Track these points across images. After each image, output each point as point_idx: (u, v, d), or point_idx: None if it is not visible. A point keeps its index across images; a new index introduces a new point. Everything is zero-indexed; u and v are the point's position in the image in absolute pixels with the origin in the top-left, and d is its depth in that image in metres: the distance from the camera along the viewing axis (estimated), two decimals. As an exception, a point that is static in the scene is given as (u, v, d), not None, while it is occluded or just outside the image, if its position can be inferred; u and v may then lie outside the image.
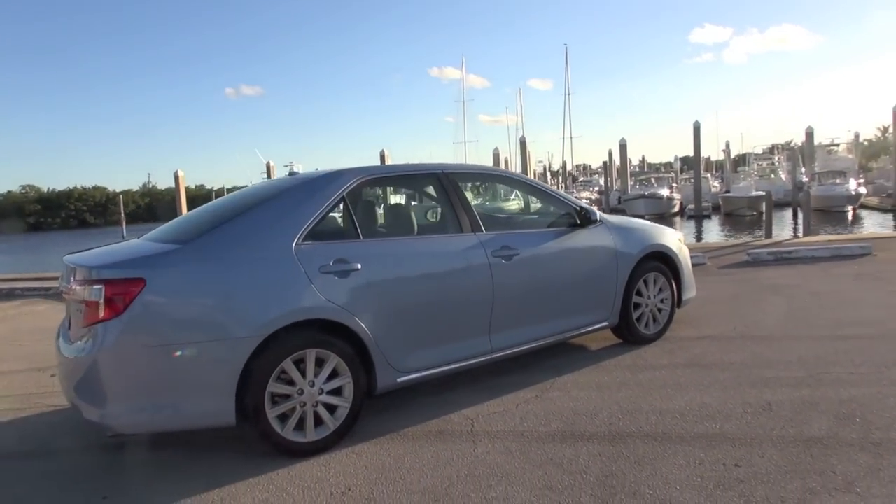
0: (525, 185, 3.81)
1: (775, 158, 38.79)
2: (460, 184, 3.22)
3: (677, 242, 4.08)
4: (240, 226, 2.59)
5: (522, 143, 28.53)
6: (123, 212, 36.90)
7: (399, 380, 2.78)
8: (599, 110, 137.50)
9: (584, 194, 31.85)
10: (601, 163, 46.42)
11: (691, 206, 28.14)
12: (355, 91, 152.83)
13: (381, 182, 3.31)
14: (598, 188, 37.22)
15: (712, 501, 2.01)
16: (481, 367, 3.16)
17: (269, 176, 31.26)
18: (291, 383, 2.49)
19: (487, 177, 4.44)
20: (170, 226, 3.09)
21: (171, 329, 2.33)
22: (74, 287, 2.47)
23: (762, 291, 5.37)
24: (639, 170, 44.92)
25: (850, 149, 34.05)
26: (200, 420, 2.41)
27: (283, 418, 2.49)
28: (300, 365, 2.51)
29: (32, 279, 9.09)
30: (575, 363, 3.56)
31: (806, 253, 7.05)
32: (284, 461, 2.50)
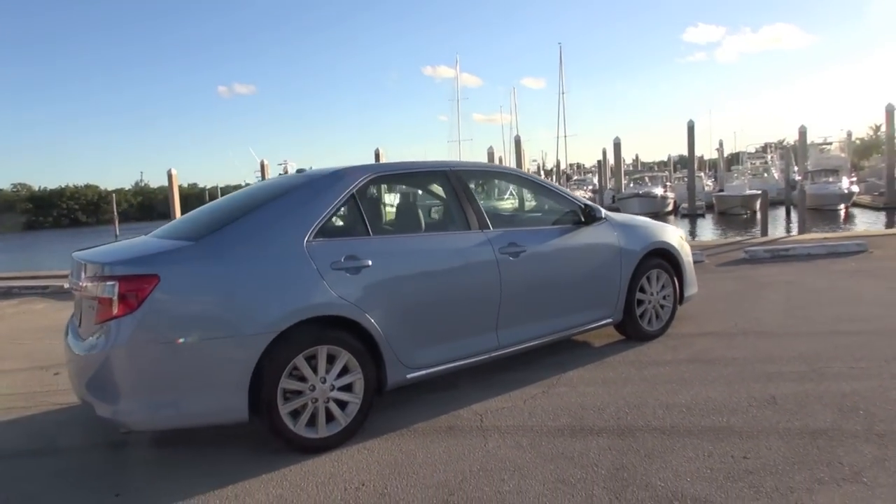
0: (531, 183, 3.84)
1: (768, 157, 39.11)
2: (468, 181, 3.24)
3: (679, 240, 4.12)
4: (251, 223, 2.59)
5: (517, 142, 28.57)
6: (116, 211, 36.57)
7: (409, 376, 2.79)
8: (593, 109, 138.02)
9: (579, 193, 31.82)
10: (595, 161, 46.65)
11: (685, 205, 28.32)
12: (349, 90, 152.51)
13: (390, 179, 3.33)
14: (593, 187, 37.36)
15: (723, 492, 2.04)
16: (487, 364, 3.18)
17: (263, 174, 31.10)
18: (303, 380, 2.51)
19: (495, 174, 4.47)
20: (178, 223, 3.09)
21: (185, 325, 2.33)
22: (86, 284, 2.47)
23: (761, 288, 5.44)
24: (633, 168, 45.15)
25: (843, 147, 34.37)
26: (213, 417, 2.42)
27: (295, 414, 2.50)
28: (311, 361, 2.52)
29: (29, 277, 9.02)
30: (579, 359, 3.59)
31: (802, 250, 7.13)
32: (296, 457, 2.51)
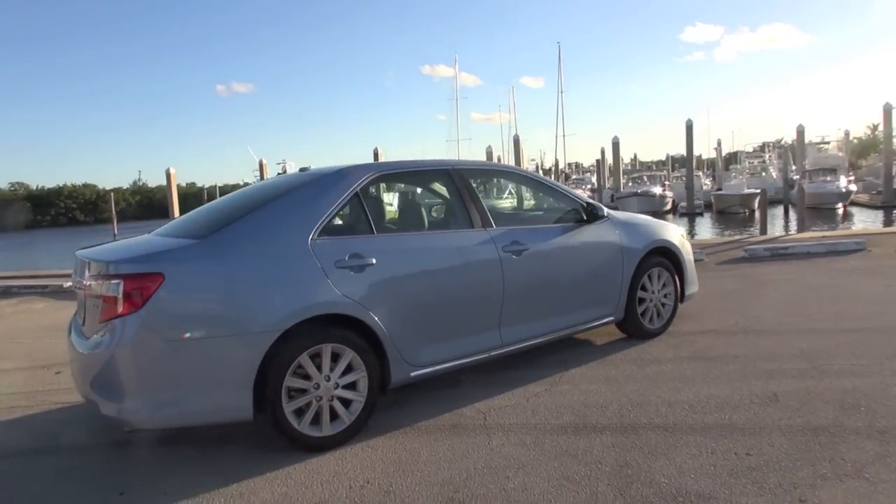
0: (534, 182, 3.85)
1: (766, 156, 39.22)
2: (471, 180, 3.25)
3: (680, 238, 4.13)
4: (256, 221, 2.59)
5: (516, 142, 28.54)
6: (114, 210, 36.48)
7: (412, 374, 2.80)
8: (591, 108, 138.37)
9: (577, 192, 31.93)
10: (594, 161, 46.65)
11: (683, 204, 28.37)
12: (348, 89, 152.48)
13: (393, 178, 3.33)
14: (591, 186, 37.40)
15: (727, 489, 2.05)
16: (489, 362, 3.19)
17: (262, 173, 31.04)
18: (307, 378, 2.51)
19: (497, 173, 4.48)
20: (182, 221, 3.09)
21: (189, 324, 2.34)
22: (90, 282, 2.46)
23: (761, 286, 5.46)
24: (631, 168, 45.21)
25: (841, 147, 34.47)
26: (218, 415, 2.42)
27: (299, 413, 2.51)
28: (315, 359, 2.52)
29: (28, 277, 9.00)
30: (581, 357, 3.60)
31: (801, 249, 7.16)
32: (300, 456, 2.51)
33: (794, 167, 29.43)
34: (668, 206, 28.81)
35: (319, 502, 2.16)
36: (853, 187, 26.82)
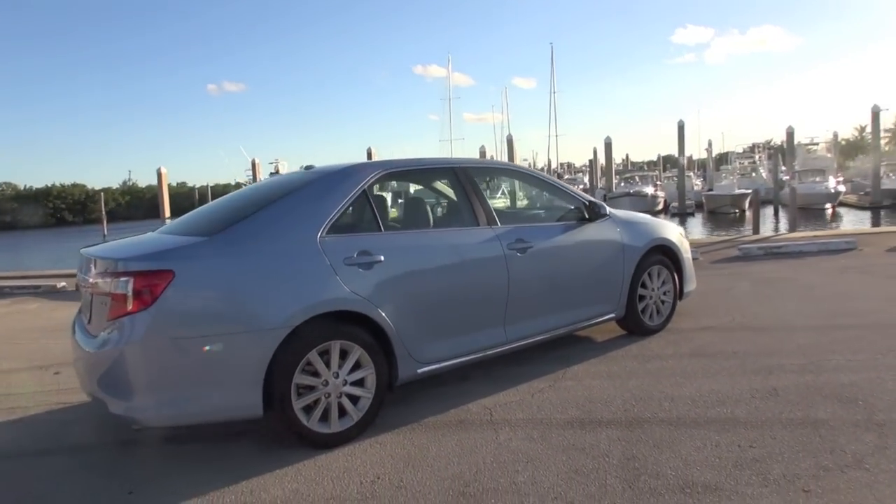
0: (537, 180, 3.89)
1: (756, 157, 39.65)
2: (475, 178, 3.28)
3: (679, 236, 4.20)
4: (264, 218, 2.60)
5: (509, 142, 28.63)
6: (104, 210, 36.08)
7: (419, 370, 2.82)
8: (582, 109, 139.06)
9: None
10: (586, 161, 46.94)
11: (675, 204, 28.63)
12: (340, 89, 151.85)
13: (400, 176, 3.35)
14: (583, 186, 37.60)
15: (732, 480, 2.10)
16: (493, 359, 3.21)
17: (255, 173, 30.83)
18: (316, 375, 2.52)
19: (502, 171, 4.50)
20: (186, 219, 3.08)
21: (199, 321, 2.34)
22: (97, 280, 2.46)
23: (756, 284, 5.54)
24: (623, 168, 45.53)
25: (829, 148, 34.98)
26: (227, 412, 2.42)
27: (308, 409, 2.52)
28: (324, 356, 2.54)
29: (20, 277, 8.90)
30: (583, 354, 3.65)
31: (794, 248, 7.27)
32: (309, 452, 2.52)
33: (784, 168, 29.80)
34: (660, 206, 29.05)
35: (331, 498, 2.17)
36: (842, 188, 27.21)
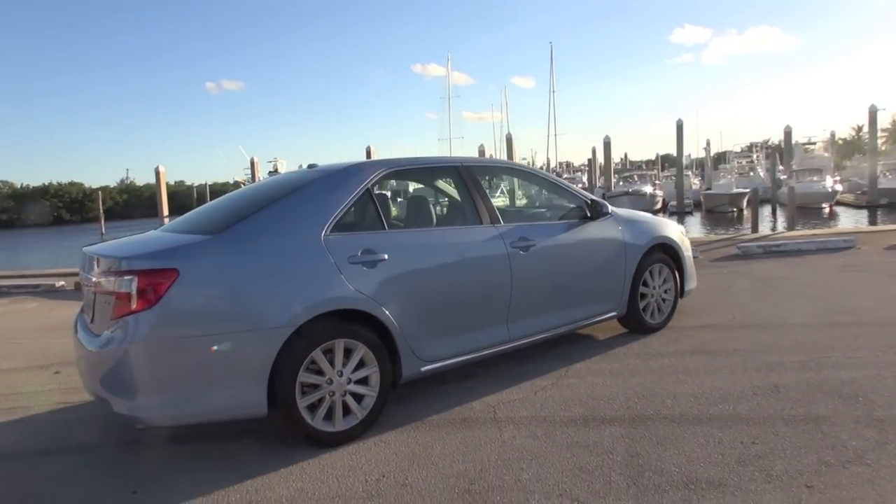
0: (540, 179, 3.89)
1: (754, 156, 39.75)
2: (478, 177, 3.28)
3: (679, 235, 4.21)
4: (268, 217, 2.60)
5: (509, 141, 28.57)
6: (102, 208, 35.96)
7: (423, 369, 2.83)
8: (581, 108, 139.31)
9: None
10: (585, 160, 47.00)
11: (673, 203, 28.70)
12: (339, 88, 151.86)
13: (403, 174, 3.36)
14: (582, 185, 37.65)
15: (736, 476, 2.11)
16: (495, 357, 3.22)
17: (253, 171, 30.74)
18: (320, 373, 2.52)
19: (505, 170, 4.51)
20: (189, 217, 3.08)
21: (204, 320, 2.34)
22: (101, 278, 2.45)
23: (755, 283, 5.57)
24: (621, 167, 45.59)
25: (827, 147, 35.10)
26: (232, 411, 2.42)
27: (312, 408, 2.52)
28: (328, 355, 2.54)
29: (18, 276, 8.87)
30: (585, 352, 3.66)
31: (793, 246, 7.30)
32: (313, 451, 2.52)
33: (782, 167, 29.88)
34: (659, 205, 29.11)
35: (336, 496, 2.18)
36: (839, 187, 27.31)
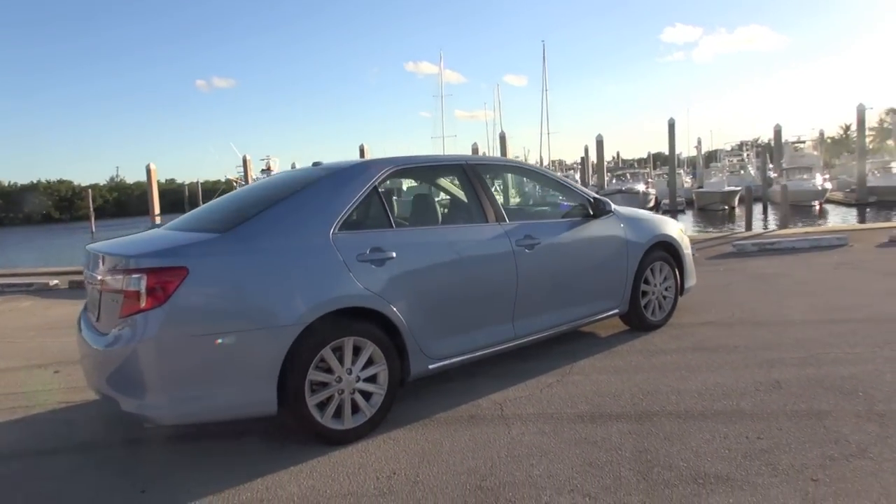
0: (543, 177, 3.91)
1: (745, 155, 40.13)
2: (483, 175, 3.29)
3: (679, 233, 4.26)
4: (277, 215, 2.59)
5: (502, 139, 28.69)
6: (91, 206, 35.59)
7: (430, 366, 2.84)
8: (573, 106, 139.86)
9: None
10: (577, 158, 47.23)
11: (666, 201, 28.95)
12: (331, 86, 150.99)
13: (409, 173, 3.36)
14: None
15: (743, 471, 2.15)
16: (499, 354, 3.24)
17: (246, 170, 30.54)
18: (330, 371, 2.53)
19: (508, 168, 4.52)
20: (194, 215, 3.06)
21: (214, 318, 2.33)
22: (107, 277, 2.44)
23: (752, 280, 5.63)
24: (614, 165, 45.86)
25: (816, 146, 35.54)
26: (242, 409, 2.42)
27: (321, 406, 2.52)
28: (337, 353, 2.54)
29: (11, 275, 8.75)
30: (588, 349, 3.69)
31: (787, 244, 7.40)
32: (322, 449, 2.53)
33: (772, 166, 30.21)
34: (651, 203, 29.31)
35: (348, 494, 2.19)
36: (828, 185, 27.70)
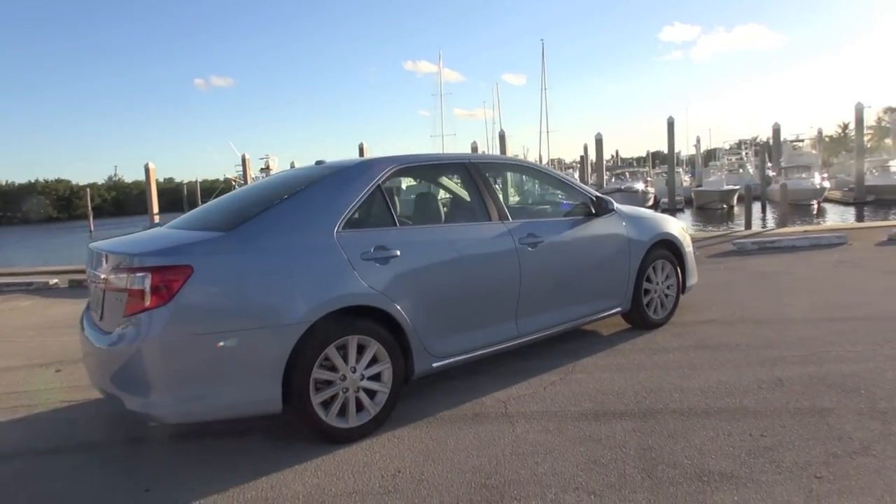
0: (546, 175, 3.92)
1: (743, 153, 40.19)
2: (486, 173, 3.29)
3: (681, 231, 4.27)
4: (281, 213, 2.59)
5: (502, 137, 28.70)
6: (90, 206, 35.52)
7: (434, 365, 2.84)
8: (572, 105, 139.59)
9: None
10: (576, 156, 47.25)
11: (665, 200, 28.98)
12: (329, 85, 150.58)
13: (413, 171, 3.36)
14: None
15: (747, 468, 2.16)
16: (502, 353, 3.25)
17: (245, 169, 30.49)
18: (334, 369, 2.53)
19: (511, 167, 4.52)
20: (197, 214, 3.06)
21: (218, 317, 2.33)
22: (111, 275, 2.43)
23: (753, 278, 5.65)
24: (613, 164, 45.91)
25: (814, 145, 35.62)
26: (247, 408, 2.42)
27: (326, 404, 2.53)
28: (341, 351, 2.55)
29: (10, 274, 8.73)
30: (591, 347, 3.70)
31: (787, 242, 7.41)
32: (327, 448, 2.53)
33: (771, 164, 30.25)
34: (651, 202, 29.35)
35: (354, 492, 2.19)
36: (827, 184, 27.75)
